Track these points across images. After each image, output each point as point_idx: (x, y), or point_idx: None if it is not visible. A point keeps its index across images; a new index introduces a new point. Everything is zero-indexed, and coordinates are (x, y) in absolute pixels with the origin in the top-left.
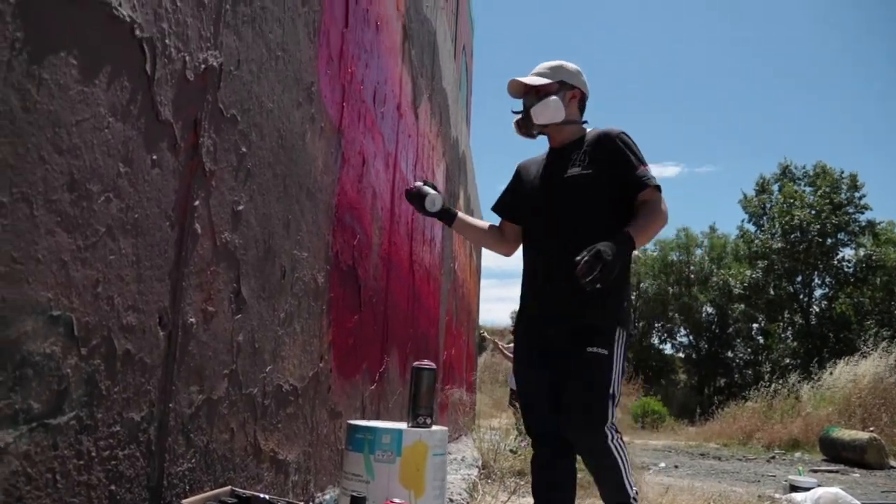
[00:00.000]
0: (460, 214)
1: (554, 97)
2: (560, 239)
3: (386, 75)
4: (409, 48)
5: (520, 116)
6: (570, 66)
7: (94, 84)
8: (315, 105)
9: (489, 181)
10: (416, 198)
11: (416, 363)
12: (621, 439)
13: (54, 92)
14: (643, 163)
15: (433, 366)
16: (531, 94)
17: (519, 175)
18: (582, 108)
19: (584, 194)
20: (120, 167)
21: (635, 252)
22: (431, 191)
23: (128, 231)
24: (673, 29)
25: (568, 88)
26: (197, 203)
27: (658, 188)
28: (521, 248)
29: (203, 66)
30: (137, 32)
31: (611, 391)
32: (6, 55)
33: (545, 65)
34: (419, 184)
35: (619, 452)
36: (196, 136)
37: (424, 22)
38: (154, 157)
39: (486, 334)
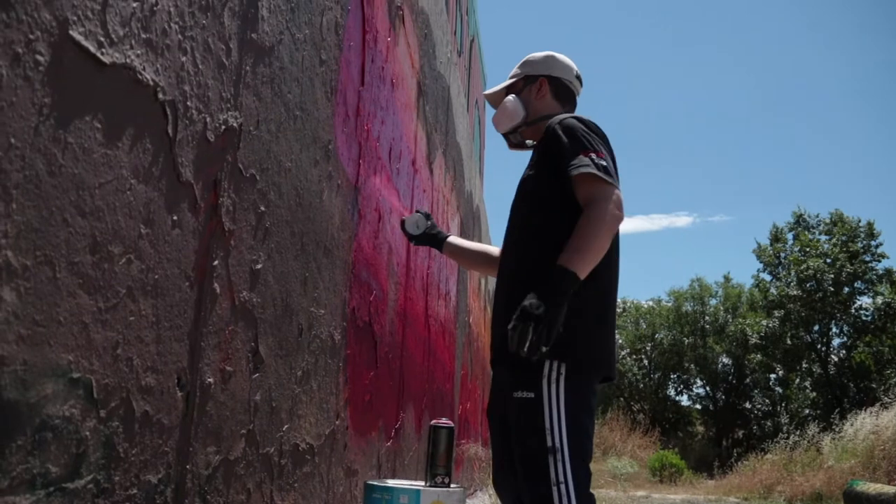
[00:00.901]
0: (451, 238)
1: (510, 97)
2: (504, 258)
3: (401, 131)
4: (423, 104)
5: None
6: (537, 54)
7: (118, 147)
8: (332, 162)
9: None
10: (402, 226)
11: (434, 421)
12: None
13: (79, 155)
14: (584, 148)
15: (451, 424)
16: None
17: None
18: (560, 96)
19: (524, 202)
20: (141, 228)
21: (650, 301)
22: (415, 214)
23: (148, 292)
24: (684, 78)
25: (532, 81)
26: (216, 263)
27: (594, 176)
28: None
29: (223, 126)
30: (160, 95)
31: (549, 443)
32: (34, 121)
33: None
34: (407, 215)
35: None
36: (216, 195)
37: (438, 78)
38: (175, 217)
39: None
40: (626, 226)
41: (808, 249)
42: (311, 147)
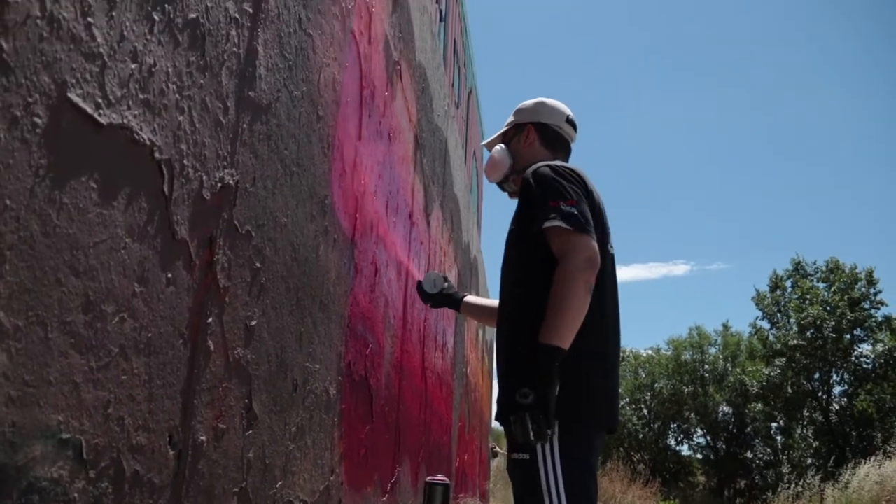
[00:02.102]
0: (468, 297)
1: (497, 147)
2: (498, 314)
3: (398, 185)
4: (420, 157)
5: None
6: (528, 102)
7: (113, 206)
8: (328, 217)
9: None
10: (419, 289)
11: (430, 478)
12: None
13: (73, 215)
14: (553, 198)
15: (447, 481)
16: None
17: None
18: (549, 142)
19: (508, 255)
20: (135, 287)
21: (649, 350)
22: (431, 273)
23: (141, 350)
24: (681, 126)
25: (521, 129)
26: (210, 320)
27: (559, 228)
28: None
29: (219, 184)
30: (157, 154)
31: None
32: (30, 182)
33: None
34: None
35: None
36: (211, 253)
37: (436, 131)
38: (169, 275)
39: (497, 448)
40: (624, 275)
41: (807, 297)
42: (308, 202)
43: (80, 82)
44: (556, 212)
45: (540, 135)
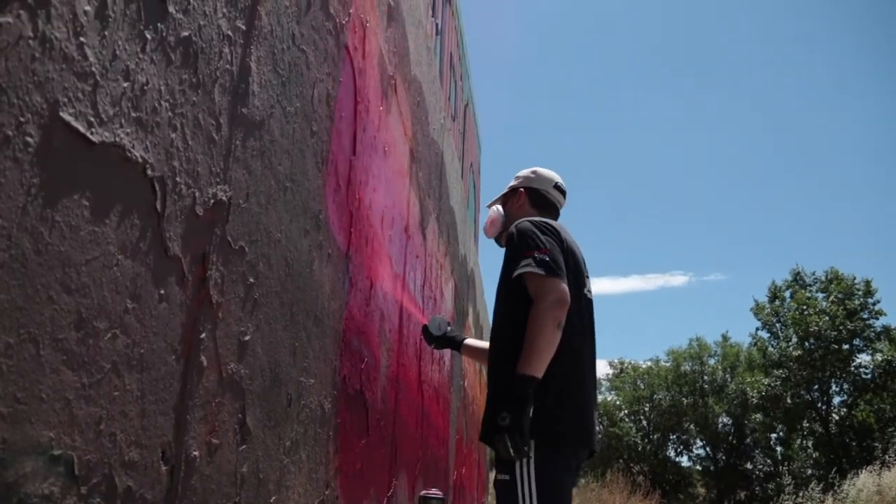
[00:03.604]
0: (467, 340)
1: (494, 207)
2: (489, 353)
3: (393, 198)
4: (416, 171)
5: None
6: (524, 170)
7: (105, 223)
8: (323, 232)
9: None
10: (424, 332)
11: (424, 492)
12: None
13: (65, 233)
14: (528, 248)
15: (440, 494)
16: None
17: None
18: (538, 204)
19: (496, 303)
20: (128, 303)
21: (648, 362)
22: (436, 316)
23: (133, 367)
24: (678, 138)
25: (515, 192)
26: (203, 335)
27: (532, 274)
28: None
29: (212, 200)
30: (149, 172)
31: None
32: (22, 201)
33: None
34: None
35: None
36: (204, 269)
37: (431, 144)
38: (162, 291)
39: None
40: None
41: (805, 308)
42: (302, 217)
43: (72, 101)
44: (531, 259)
45: (530, 198)
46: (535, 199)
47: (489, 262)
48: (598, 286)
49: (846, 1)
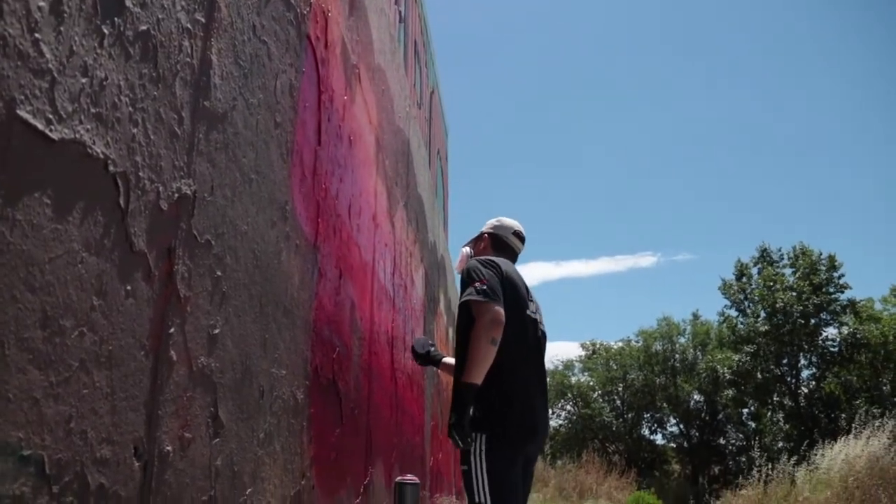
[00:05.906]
0: (445, 358)
1: (464, 248)
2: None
3: (360, 187)
4: (382, 159)
5: None
6: (491, 220)
7: (68, 221)
8: (289, 223)
9: None
10: (412, 350)
11: (399, 478)
12: None
13: (28, 232)
14: (473, 280)
15: (416, 480)
16: None
17: None
18: (498, 247)
19: (456, 327)
20: (93, 300)
21: (619, 343)
22: (421, 337)
23: (102, 364)
24: (644, 118)
25: (481, 238)
26: (172, 330)
27: (473, 301)
28: None
29: (177, 194)
30: (111, 168)
31: (476, 500)
32: None
33: None
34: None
35: None
36: (170, 263)
37: (397, 132)
38: (128, 287)
39: None
40: (591, 269)
41: (772, 284)
42: (268, 209)
43: (29, 99)
44: (473, 289)
45: (492, 242)
46: (496, 243)
47: (459, 248)
48: (568, 269)
49: None
